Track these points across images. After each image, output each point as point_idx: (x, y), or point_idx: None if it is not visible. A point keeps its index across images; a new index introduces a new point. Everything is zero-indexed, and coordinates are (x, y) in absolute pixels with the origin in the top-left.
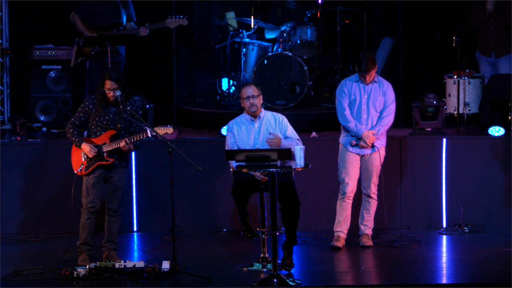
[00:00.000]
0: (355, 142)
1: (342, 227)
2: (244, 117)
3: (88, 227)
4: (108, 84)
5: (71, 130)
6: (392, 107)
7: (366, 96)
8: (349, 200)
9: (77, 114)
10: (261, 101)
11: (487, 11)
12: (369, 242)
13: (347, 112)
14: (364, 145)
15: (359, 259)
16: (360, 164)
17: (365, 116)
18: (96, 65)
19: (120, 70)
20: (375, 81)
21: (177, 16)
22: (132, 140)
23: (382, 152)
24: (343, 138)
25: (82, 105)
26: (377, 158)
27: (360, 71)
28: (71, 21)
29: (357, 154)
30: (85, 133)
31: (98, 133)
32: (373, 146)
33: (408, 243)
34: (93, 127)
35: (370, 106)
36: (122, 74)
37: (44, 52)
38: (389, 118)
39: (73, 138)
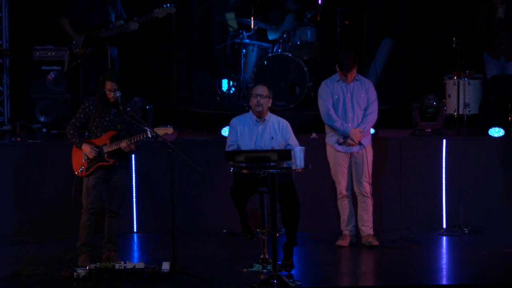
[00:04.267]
0: (342, 140)
1: (348, 226)
2: (249, 117)
3: (88, 228)
4: (109, 85)
5: (71, 131)
6: (375, 104)
7: (349, 94)
8: (347, 198)
9: (77, 115)
10: (269, 104)
11: (497, 18)
12: (375, 242)
13: (332, 112)
14: (351, 142)
15: (359, 260)
16: (349, 163)
17: (350, 114)
18: (90, 67)
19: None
20: (356, 80)
21: (165, 5)
22: (133, 141)
23: (369, 149)
24: (329, 138)
25: (82, 106)
26: (365, 155)
27: (342, 70)
28: (61, 25)
29: (344, 152)
30: (86, 134)
31: (98, 134)
32: (360, 143)
33: (408, 244)
34: (93, 128)
35: (354, 104)
36: (122, 75)
37: (44, 53)
38: (373, 115)
39: (74, 139)
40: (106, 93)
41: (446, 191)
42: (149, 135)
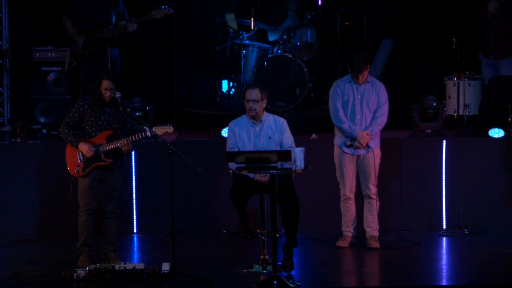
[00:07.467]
0: (349, 143)
1: (348, 227)
2: (246, 119)
3: (86, 228)
4: (105, 84)
5: (65, 131)
6: (386, 107)
7: (359, 96)
8: (351, 200)
9: (71, 115)
10: (264, 105)
11: (488, 12)
12: (375, 244)
13: (341, 113)
14: (358, 145)
15: (359, 261)
16: (356, 165)
17: (359, 116)
18: (90, 67)
19: (115, 71)
20: (368, 81)
21: (162, 7)
22: (133, 139)
23: (377, 152)
24: (337, 139)
25: (76, 106)
26: (372, 158)
27: (352, 71)
28: (63, 25)
29: (351, 154)
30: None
31: (93, 134)
32: (367, 146)
33: (408, 244)
34: (87, 127)
35: (363, 106)
36: (119, 75)
37: (44, 53)
38: (382, 118)
39: (69, 139)
40: (102, 92)
41: (446, 192)
42: (149, 134)
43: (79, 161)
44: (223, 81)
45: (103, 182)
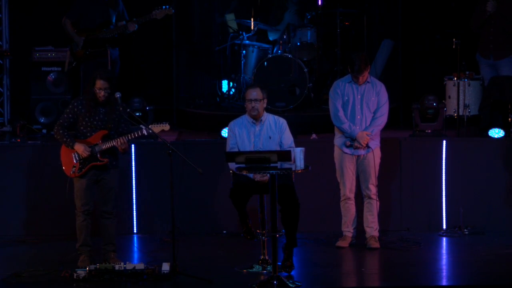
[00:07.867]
0: (349, 143)
1: (348, 227)
2: (245, 119)
3: (85, 228)
4: (99, 83)
5: (60, 132)
6: (386, 107)
7: (359, 96)
8: (351, 200)
9: (65, 116)
10: (265, 105)
11: (487, 12)
12: (375, 244)
13: (341, 113)
14: (358, 146)
15: (359, 261)
16: (356, 166)
17: (359, 116)
18: (90, 68)
19: (115, 71)
20: (368, 82)
21: (163, 7)
22: (130, 138)
23: (377, 152)
24: (337, 139)
25: (70, 106)
26: (372, 159)
27: (352, 72)
28: (63, 25)
29: (351, 155)
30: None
31: (88, 134)
32: (367, 146)
33: (408, 245)
34: (82, 127)
35: (363, 107)
36: (114, 74)
37: (44, 53)
38: (382, 119)
39: (64, 139)
40: (96, 92)
41: (446, 192)
42: (145, 132)
43: (75, 161)
44: (223, 81)
45: (99, 182)
